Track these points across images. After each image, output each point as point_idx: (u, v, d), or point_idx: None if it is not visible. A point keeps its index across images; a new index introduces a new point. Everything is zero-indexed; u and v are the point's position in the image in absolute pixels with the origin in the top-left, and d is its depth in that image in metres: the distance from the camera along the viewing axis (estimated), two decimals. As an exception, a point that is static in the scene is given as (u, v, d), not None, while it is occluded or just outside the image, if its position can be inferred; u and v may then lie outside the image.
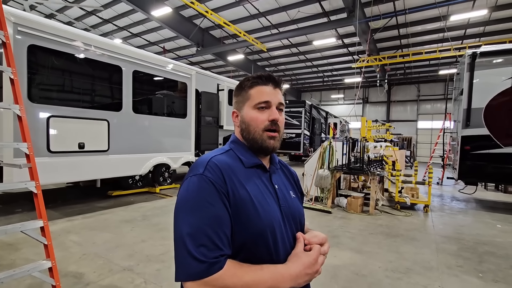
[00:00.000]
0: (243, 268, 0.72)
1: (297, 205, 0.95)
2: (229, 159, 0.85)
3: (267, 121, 0.86)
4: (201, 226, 0.70)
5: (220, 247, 0.70)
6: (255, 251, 0.77)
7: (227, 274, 0.68)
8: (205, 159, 0.82)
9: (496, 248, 3.88)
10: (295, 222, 0.91)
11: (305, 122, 14.42)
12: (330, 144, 6.18)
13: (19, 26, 4.07)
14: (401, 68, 19.87)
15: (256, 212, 0.78)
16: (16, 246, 3.35)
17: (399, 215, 5.44)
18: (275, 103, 0.88)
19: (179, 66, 6.85)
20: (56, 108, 4.56)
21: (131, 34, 16.07)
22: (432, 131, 21.18)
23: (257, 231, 0.77)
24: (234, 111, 0.94)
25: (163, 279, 2.71)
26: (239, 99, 0.92)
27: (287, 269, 0.76)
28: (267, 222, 0.79)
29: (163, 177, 6.99)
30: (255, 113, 0.87)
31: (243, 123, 0.89)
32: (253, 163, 0.88)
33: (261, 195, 0.83)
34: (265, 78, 0.89)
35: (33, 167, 2.02)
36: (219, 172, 0.78)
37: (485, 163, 5.73)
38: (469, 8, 11.24)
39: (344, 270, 3.04)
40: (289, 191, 0.96)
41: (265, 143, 0.86)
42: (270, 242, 0.79)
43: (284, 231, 0.84)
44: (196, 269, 0.67)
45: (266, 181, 0.89)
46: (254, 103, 0.87)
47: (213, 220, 0.71)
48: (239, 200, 0.77)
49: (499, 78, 5.61)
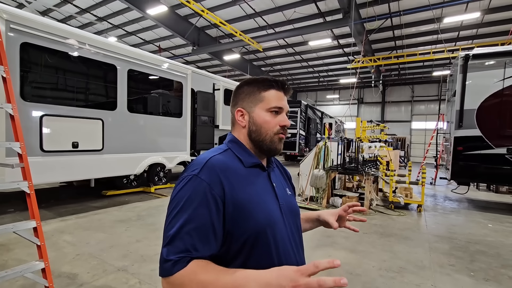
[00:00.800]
0: (206, 267, 0.70)
1: (294, 202, 0.98)
2: (228, 159, 0.85)
3: (279, 125, 0.89)
4: (179, 228, 0.72)
5: (189, 250, 0.71)
6: (256, 251, 0.78)
7: (186, 272, 0.69)
8: (203, 159, 0.82)
9: (487, 247, 3.95)
10: (294, 219, 0.93)
11: (301, 122, 14.47)
12: (325, 144, 6.22)
13: (11, 24, 4.00)
14: (396, 69, 20.08)
15: (256, 211, 0.79)
16: (8, 247, 3.30)
17: (393, 214, 5.50)
18: (286, 109, 0.91)
19: (175, 65, 6.81)
20: (50, 107, 4.50)
21: (126, 33, 15.94)
22: (426, 131, 21.44)
23: (258, 229, 0.78)
24: (240, 109, 0.92)
25: (158, 280, 2.70)
26: (250, 99, 0.91)
27: (258, 275, 0.65)
28: (267, 221, 0.80)
29: (158, 176, 6.95)
30: (269, 116, 0.89)
31: (253, 125, 0.89)
32: (253, 162, 0.89)
33: (261, 194, 0.84)
34: (280, 84, 0.91)
35: (26, 166, 2.00)
36: (216, 173, 0.78)
37: (477, 163, 5.82)
38: (462, 10, 11.40)
39: (338, 269, 3.06)
40: (286, 189, 0.98)
41: (274, 145, 0.89)
42: (270, 240, 0.80)
43: (284, 229, 0.85)
44: (164, 267, 0.70)
45: (265, 180, 0.90)
46: (268, 106, 0.89)
47: (192, 223, 0.72)
48: (237, 200, 0.77)
49: (491, 80, 5.70)
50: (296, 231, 0.92)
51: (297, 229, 0.93)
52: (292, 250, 0.86)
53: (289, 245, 0.85)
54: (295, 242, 0.89)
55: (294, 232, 0.90)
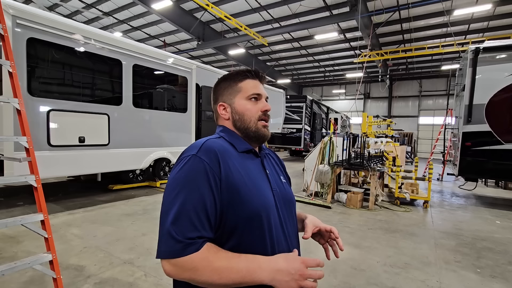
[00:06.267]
0: (218, 254, 0.71)
1: (289, 190, 0.98)
2: (223, 143, 0.87)
3: (260, 111, 0.91)
4: (184, 207, 0.71)
5: (198, 229, 0.71)
6: (250, 234, 0.78)
7: (199, 257, 0.69)
8: (200, 142, 0.83)
9: (495, 244, 3.90)
10: (288, 206, 0.93)
11: (306, 117, 14.37)
12: (330, 140, 6.17)
13: (18, 19, 4.03)
14: (403, 63, 19.73)
15: (250, 195, 0.79)
16: (18, 239, 3.38)
17: (399, 210, 5.46)
18: (264, 96, 0.94)
19: (180, 60, 6.81)
20: (56, 102, 4.55)
21: (131, 28, 15.95)
22: (434, 127, 21.10)
23: (252, 213, 0.78)
24: (222, 103, 0.94)
25: (163, 273, 2.73)
26: (228, 92, 0.94)
27: (268, 261, 0.72)
28: (261, 205, 0.80)
29: (164, 171, 7.01)
30: (249, 103, 0.92)
31: (236, 114, 0.92)
32: (246, 148, 0.90)
33: (255, 179, 0.84)
34: (254, 73, 0.94)
35: (33, 161, 2.03)
36: (214, 153, 0.79)
37: (485, 159, 5.72)
38: (473, 2, 11.10)
39: (343, 264, 3.06)
40: (280, 176, 0.98)
41: (260, 131, 0.91)
42: (264, 225, 0.79)
43: (277, 215, 0.85)
44: (172, 248, 0.69)
45: (258, 166, 0.91)
46: (247, 94, 0.92)
47: (196, 202, 0.72)
48: (233, 182, 0.78)
49: (502, 74, 5.56)
50: (290, 219, 0.91)
51: (291, 217, 0.93)
52: (284, 236, 0.85)
53: (281, 231, 0.85)
54: (287, 230, 0.88)
55: (287, 220, 0.89)
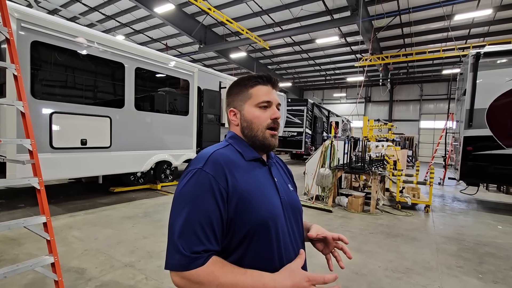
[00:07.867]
0: (224, 269, 0.71)
1: (296, 198, 0.98)
2: (230, 153, 0.87)
3: (269, 119, 0.89)
4: (190, 221, 0.72)
5: (204, 243, 0.71)
6: (258, 242, 0.78)
7: (205, 272, 0.69)
8: (207, 153, 0.83)
9: (497, 249, 3.88)
10: (296, 215, 0.93)
11: (307, 121, 14.38)
12: (331, 143, 6.18)
13: (22, 22, 4.08)
14: (404, 67, 19.74)
15: (258, 203, 0.79)
16: (19, 241, 3.38)
17: (400, 215, 5.44)
18: (275, 102, 0.91)
19: (182, 63, 6.84)
20: (59, 105, 4.58)
21: (134, 31, 16.05)
22: (435, 131, 21.08)
23: (260, 221, 0.78)
24: (232, 109, 0.94)
25: (164, 276, 2.73)
26: (239, 98, 0.93)
27: (273, 280, 0.72)
28: (269, 213, 0.80)
29: (165, 174, 7.02)
30: (258, 111, 0.90)
31: (244, 121, 0.91)
32: (253, 156, 0.89)
33: (263, 187, 0.85)
34: (266, 79, 0.91)
35: (36, 163, 2.04)
36: (220, 166, 0.79)
37: (487, 164, 5.71)
38: (474, 7, 11.14)
39: (344, 269, 3.05)
40: (288, 184, 0.98)
41: (267, 140, 0.90)
42: (272, 233, 0.80)
43: (285, 224, 0.85)
44: (178, 261, 0.70)
45: (266, 174, 0.90)
46: (256, 102, 0.90)
47: (202, 216, 0.73)
48: (240, 193, 0.78)
49: (502, 79, 5.57)
50: (297, 227, 0.92)
51: (297, 225, 0.93)
52: (292, 245, 0.86)
53: (288, 240, 0.85)
54: (295, 238, 0.88)
55: (294, 228, 0.90)
